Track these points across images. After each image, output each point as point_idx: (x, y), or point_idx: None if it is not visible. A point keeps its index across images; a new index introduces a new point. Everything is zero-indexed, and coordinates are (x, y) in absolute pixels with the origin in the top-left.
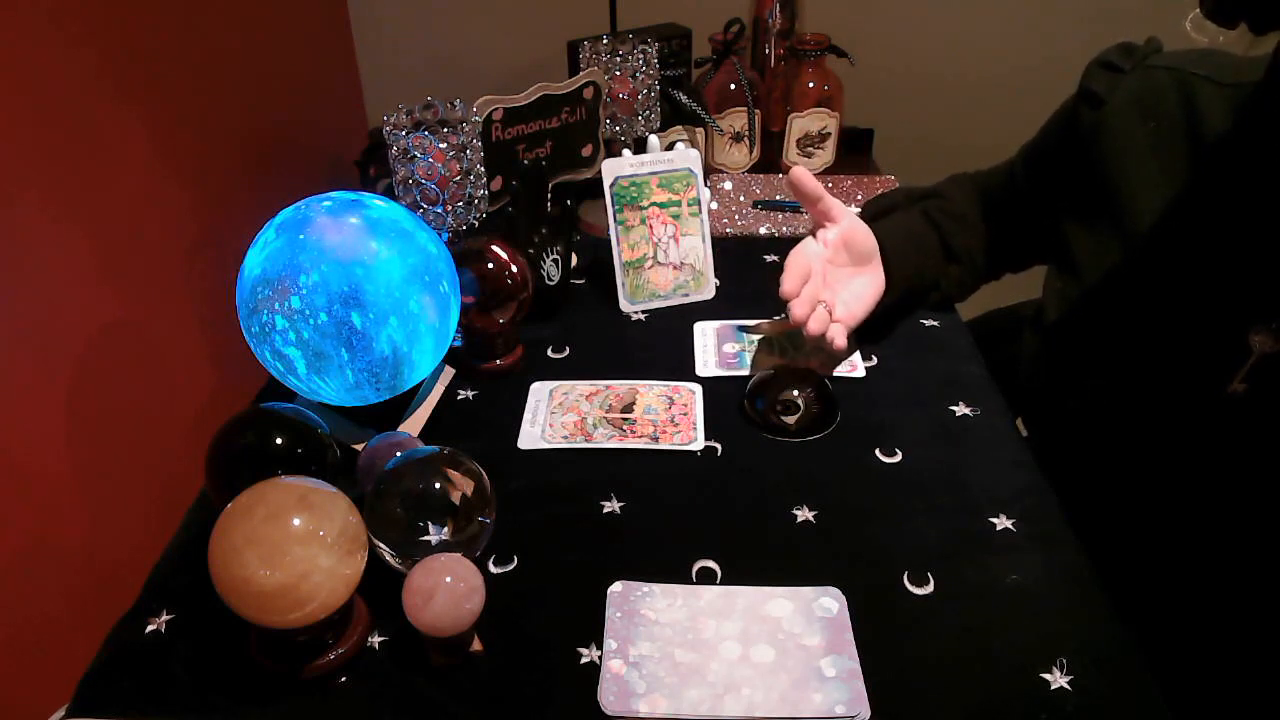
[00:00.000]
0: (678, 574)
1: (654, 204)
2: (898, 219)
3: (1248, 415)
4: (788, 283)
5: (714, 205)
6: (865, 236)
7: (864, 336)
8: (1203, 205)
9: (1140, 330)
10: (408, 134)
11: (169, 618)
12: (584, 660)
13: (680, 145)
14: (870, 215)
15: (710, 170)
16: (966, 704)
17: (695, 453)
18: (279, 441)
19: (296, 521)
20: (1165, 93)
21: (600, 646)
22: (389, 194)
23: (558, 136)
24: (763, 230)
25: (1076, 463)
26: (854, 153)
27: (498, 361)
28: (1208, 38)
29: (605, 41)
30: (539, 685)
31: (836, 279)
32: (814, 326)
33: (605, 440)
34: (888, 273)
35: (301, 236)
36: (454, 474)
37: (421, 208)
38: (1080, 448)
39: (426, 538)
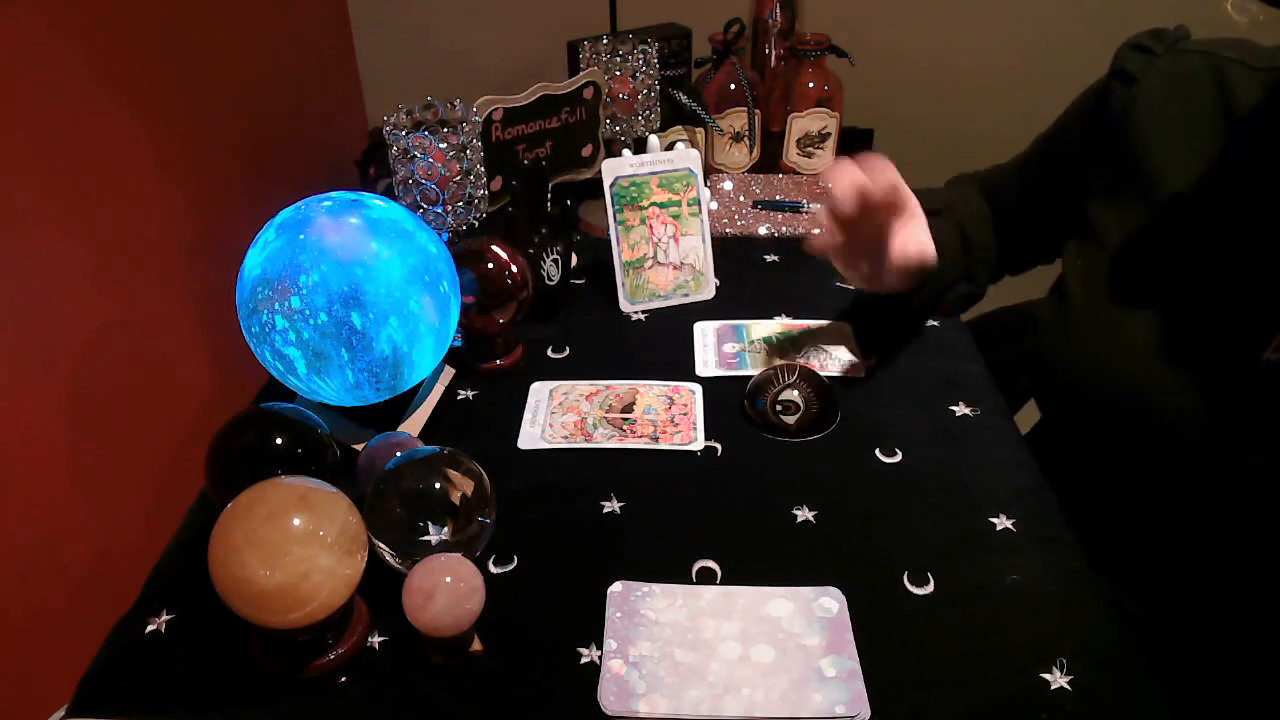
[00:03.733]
0: (678, 574)
1: (654, 204)
2: (937, 227)
3: None
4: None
5: (714, 205)
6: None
7: (864, 336)
8: (1237, 182)
9: (1171, 301)
10: (408, 134)
11: (169, 618)
12: (584, 660)
13: (680, 145)
14: None
15: (710, 170)
16: (966, 704)
17: (695, 453)
18: (279, 441)
19: (296, 521)
20: (1198, 74)
21: (600, 646)
22: (389, 194)
23: (558, 136)
24: (763, 230)
25: (1082, 457)
26: (854, 153)
27: (498, 361)
28: (1247, 19)
29: (605, 41)
30: (539, 685)
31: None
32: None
33: (605, 440)
34: (925, 280)
35: (301, 236)
36: (454, 474)
37: (421, 208)
38: (1097, 418)
39: (426, 538)
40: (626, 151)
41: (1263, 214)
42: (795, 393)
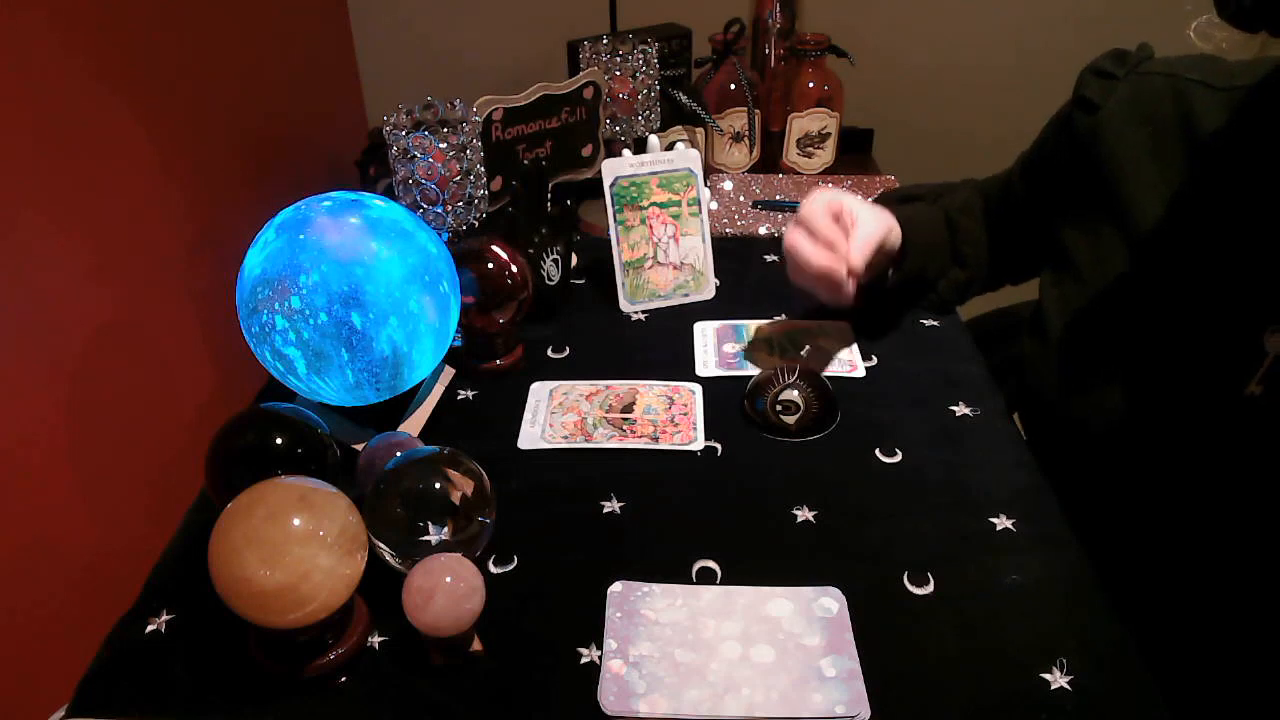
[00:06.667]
0: (678, 574)
1: (654, 204)
2: (920, 209)
3: (1267, 417)
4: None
5: (714, 205)
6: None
7: (864, 336)
8: (1206, 207)
9: (1151, 335)
10: (408, 134)
11: (169, 618)
12: (584, 660)
13: (680, 145)
14: (889, 202)
15: (710, 170)
16: (966, 704)
17: (695, 453)
18: (279, 441)
19: (296, 521)
20: (1160, 97)
21: (600, 646)
22: (389, 194)
23: (558, 136)
24: (763, 230)
25: (1078, 466)
26: (854, 153)
27: (498, 361)
28: (1211, 45)
29: (605, 41)
30: (539, 685)
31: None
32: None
33: (605, 440)
34: (903, 253)
35: (301, 236)
36: (454, 474)
37: (421, 208)
38: (1084, 452)
39: (426, 538)
40: (626, 151)
41: (1232, 239)
42: (795, 393)
